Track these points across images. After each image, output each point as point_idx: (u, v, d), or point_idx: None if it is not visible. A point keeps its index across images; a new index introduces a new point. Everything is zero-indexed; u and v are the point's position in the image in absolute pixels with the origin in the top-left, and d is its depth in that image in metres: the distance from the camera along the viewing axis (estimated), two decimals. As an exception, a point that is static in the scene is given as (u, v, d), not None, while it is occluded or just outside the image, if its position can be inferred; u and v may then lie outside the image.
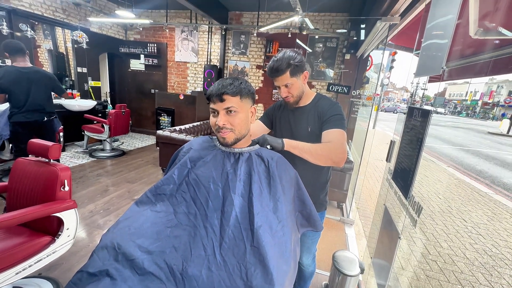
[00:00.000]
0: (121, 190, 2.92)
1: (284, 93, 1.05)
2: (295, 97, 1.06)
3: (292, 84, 1.02)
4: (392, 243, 1.14)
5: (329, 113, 1.02)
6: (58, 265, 1.71)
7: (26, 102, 2.41)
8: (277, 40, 4.68)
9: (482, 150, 8.41)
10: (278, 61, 1.00)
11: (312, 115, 1.06)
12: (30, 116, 2.45)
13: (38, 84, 2.47)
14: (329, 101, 1.08)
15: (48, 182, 1.36)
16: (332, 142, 0.95)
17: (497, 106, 28.33)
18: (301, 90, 1.06)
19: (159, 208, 0.79)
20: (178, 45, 5.35)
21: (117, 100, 5.79)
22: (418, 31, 1.74)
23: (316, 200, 1.12)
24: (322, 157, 0.93)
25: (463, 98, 37.77)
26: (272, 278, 0.63)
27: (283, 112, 1.18)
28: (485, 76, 2.25)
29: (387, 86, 14.13)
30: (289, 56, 0.99)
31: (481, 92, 33.47)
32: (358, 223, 2.82)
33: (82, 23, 4.54)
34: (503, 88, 29.52)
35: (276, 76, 1.02)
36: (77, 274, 0.65)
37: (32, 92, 2.43)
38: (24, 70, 2.38)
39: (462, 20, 1.41)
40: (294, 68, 1.00)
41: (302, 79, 1.06)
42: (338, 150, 0.93)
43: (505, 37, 1.50)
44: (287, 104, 1.12)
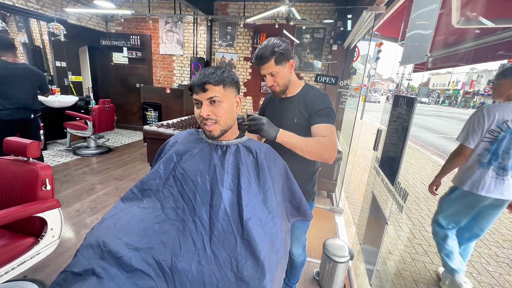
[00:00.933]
0: (108, 187, 2.85)
1: (269, 82, 1.04)
2: (281, 86, 1.04)
3: (277, 72, 1.01)
4: (380, 229, 1.17)
5: (319, 106, 1.00)
6: (44, 266, 1.66)
7: (14, 100, 2.32)
8: (265, 31, 4.61)
9: (463, 138, 8.75)
10: (263, 48, 0.98)
11: (300, 106, 1.05)
12: (15, 114, 2.35)
13: (26, 81, 2.39)
14: (318, 93, 1.05)
15: (28, 182, 1.30)
16: (325, 139, 0.93)
17: (477, 95, 29.46)
18: (287, 79, 1.05)
19: (146, 204, 0.77)
20: (162, 37, 5.18)
21: (100, 95, 5.58)
22: (403, 21, 1.75)
23: (304, 191, 1.13)
24: (313, 154, 0.92)
25: (445, 87, 38.98)
26: (263, 268, 0.63)
27: (272, 103, 1.17)
28: (467, 64, 2.31)
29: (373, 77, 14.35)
30: (273, 43, 0.98)
31: (463, 81, 34.63)
32: (347, 212, 2.89)
33: (58, 14, 4.29)
34: (483, 77, 30.66)
35: (261, 64, 1.00)
36: (61, 274, 0.62)
37: (20, 89, 2.35)
38: (12, 66, 2.30)
39: (445, 10, 1.43)
40: (279, 55, 0.98)
41: (288, 68, 1.04)
42: (330, 147, 0.92)
43: (485, 26, 1.54)
44: (274, 94, 1.11)
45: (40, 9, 4.05)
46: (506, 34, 1.56)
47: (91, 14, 4.98)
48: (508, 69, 1.55)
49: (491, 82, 1.56)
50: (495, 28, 1.60)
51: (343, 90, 3.40)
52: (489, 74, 26.09)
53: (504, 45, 1.75)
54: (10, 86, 2.29)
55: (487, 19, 1.46)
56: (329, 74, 3.86)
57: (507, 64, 7.74)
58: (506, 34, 1.56)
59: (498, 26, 1.54)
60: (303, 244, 1.33)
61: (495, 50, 1.97)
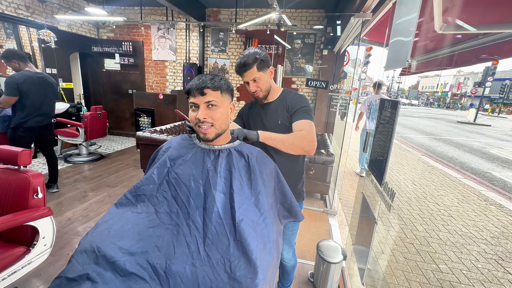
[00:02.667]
0: (101, 195, 2.81)
1: (253, 88, 1.10)
2: (264, 91, 1.12)
3: (259, 78, 1.08)
4: (370, 228, 1.21)
5: (297, 106, 1.09)
6: (36, 276, 1.63)
7: (42, 106, 2.49)
8: (256, 37, 4.68)
9: (452, 138, 8.99)
10: (245, 56, 1.06)
11: (281, 109, 1.13)
12: (40, 121, 2.52)
13: (51, 89, 2.57)
14: (296, 95, 1.15)
15: (20, 190, 1.29)
16: (302, 132, 1.01)
17: (465, 96, 30.33)
18: (268, 85, 1.13)
19: (140, 209, 0.78)
20: (155, 43, 5.19)
21: (92, 102, 5.53)
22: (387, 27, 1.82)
23: (294, 190, 1.17)
24: (294, 146, 0.99)
25: (434, 90, 39.98)
26: (255, 268, 0.65)
27: (254, 109, 1.24)
28: (452, 68, 2.41)
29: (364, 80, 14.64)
30: (254, 51, 1.06)
31: (450, 84, 35.61)
32: (341, 213, 2.93)
33: (48, 21, 4.27)
34: (469, 79, 31.62)
35: (244, 71, 1.07)
36: (55, 280, 0.63)
37: (47, 97, 2.54)
38: (40, 75, 2.46)
39: (426, 18, 1.50)
40: (260, 62, 1.06)
41: (269, 74, 1.12)
42: (308, 139, 1.00)
43: (467, 31, 1.61)
44: (257, 100, 1.18)
45: (30, 16, 4.02)
46: (487, 39, 1.64)
47: (82, 21, 4.96)
48: None
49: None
50: (476, 33, 1.68)
51: (333, 94, 3.47)
52: (475, 76, 26.94)
53: (486, 49, 1.83)
54: (38, 95, 2.44)
55: (469, 25, 1.54)
56: (319, 79, 3.93)
57: (491, 67, 8.08)
58: (487, 39, 1.64)
59: (479, 32, 1.63)
60: (293, 248, 1.36)
61: (478, 53, 2.06)
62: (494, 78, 16.75)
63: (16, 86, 2.26)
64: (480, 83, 15.31)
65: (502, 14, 1.47)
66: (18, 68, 2.38)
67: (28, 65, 2.43)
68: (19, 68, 2.38)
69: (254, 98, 1.18)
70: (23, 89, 2.31)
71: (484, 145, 8.02)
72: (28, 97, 2.36)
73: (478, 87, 17.56)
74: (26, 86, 2.32)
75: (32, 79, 2.37)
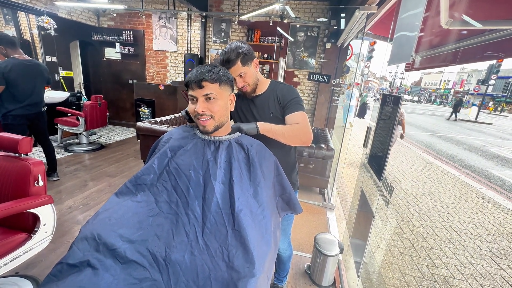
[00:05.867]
0: (101, 184, 2.83)
1: (240, 83, 1.07)
2: (251, 85, 1.10)
3: (245, 73, 1.05)
4: (367, 223, 1.22)
5: (288, 97, 1.09)
6: (37, 262, 1.66)
7: (31, 95, 2.43)
8: (259, 29, 4.62)
9: (453, 136, 8.98)
10: (227, 53, 1.01)
11: (272, 101, 1.12)
12: (30, 108, 2.46)
13: (40, 77, 2.50)
14: (286, 86, 1.14)
15: (20, 178, 1.30)
16: (300, 124, 1.02)
17: (467, 94, 30.12)
18: (255, 78, 1.10)
19: (140, 198, 0.79)
20: (156, 32, 5.12)
21: (92, 91, 5.49)
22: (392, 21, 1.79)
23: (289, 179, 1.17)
24: (293, 137, 1.01)
25: (437, 87, 39.71)
26: (252, 257, 0.66)
27: (243, 102, 1.20)
28: (456, 64, 2.38)
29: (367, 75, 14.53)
30: (236, 46, 1.03)
31: (453, 81, 35.33)
32: (339, 208, 2.95)
33: (48, 7, 4.19)
34: (473, 77, 31.34)
35: (229, 67, 1.02)
36: (57, 266, 0.64)
37: (36, 86, 2.47)
38: (28, 63, 2.38)
39: (432, 12, 1.47)
40: (244, 56, 1.03)
41: (254, 67, 1.10)
42: (305, 130, 1.02)
43: (473, 27, 1.59)
44: (245, 94, 1.15)
45: (29, 2, 3.95)
46: (493, 35, 1.61)
47: (82, 8, 4.88)
48: None
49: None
50: (482, 30, 1.65)
51: (335, 88, 3.45)
52: (479, 74, 26.72)
53: (492, 46, 1.81)
54: (26, 83, 2.37)
55: (475, 21, 1.51)
56: (322, 73, 3.90)
57: (496, 64, 8.07)
58: (493, 35, 1.61)
59: (486, 28, 1.60)
60: (288, 238, 1.38)
61: (483, 50, 2.03)
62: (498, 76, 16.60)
63: (1, 75, 2.18)
64: (483, 81, 15.20)
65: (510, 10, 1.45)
66: (5, 54, 2.28)
67: (17, 52, 2.32)
68: (7, 55, 2.29)
69: (242, 93, 1.16)
70: (10, 78, 2.23)
71: (484, 143, 8.02)
72: (16, 86, 2.28)
73: (481, 85, 17.42)
74: (12, 74, 2.23)
75: (19, 67, 2.28)
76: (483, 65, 29.34)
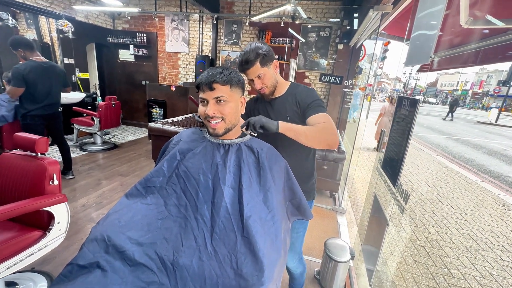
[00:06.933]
0: (113, 183, 2.90)
1: (258, 85, 1.04)
2: (270, 87, 1.06)
3: (264, 74, 1.02)
4: (381, 230, 1.17)
5: (309, 100, 1.02)
6: (51, 259, 1.71)
7: (48, 96, 2.54)
8: (270, 30, 4.60)
9: (471, 139, 8.62)
10: (246, 53, 0.99)
11: (290, 104, 1.06)
12: (48, 109, 2.58)
13: (57, 79, 2.60)
14: (305, 88, 1.08)
15: (36, 176, 1.34)
16: (325, 124, 0.94)
17: (487, 95, 28.88)
18: (274, 80, 1.06)
19: (150, 200, 0.79)
20: (168, 34, 5.20)
21: (106, 92, 5.65)
22: (409, 20, 1.73)
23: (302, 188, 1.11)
24: (316, 138, 0.91)
25: (454, 88, 38.30)
26: (262, 266, 0.64)
27: (260, 104, 1.17)
28: (476, 65, 2.28)
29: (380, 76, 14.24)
30: (255, 46, 0.99)
31: (472, 82, 33.97)
32: (350, 212, 2.88)
33: (67, 11, 4.35)
34: (493, 78, 30.01)
35: (247, 68, 1.00)
36: (67, 266, 0.65)
37: (53, 87, 2.57)
38: (45, 65, 2.48)
39: (451, 10, 1.41)
40: (263, 57, 0.99)
41: (273, 68, 1.06)
42: (331, 131, 0.92)
43: (495, 26, 1.51)
44: (263, 96, 1.12)
45: (49, 7, 4.11)
46: (517, 35, 1.52)
47: (98, 12, 5.03)
48: None
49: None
50: (505, 28, 1.57)
51: (347, 90, 3.38)
52: (500, 74, 25.57)
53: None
54: (43, 84, 2.47)
55: (497, 19, 1.43)
56: (333, 74, 3.83)
57: (518, 64, 7.61)
58: (517, 35, 1.52)
59: (509, 26, 1.51)
60: (299, 254, 1.26)
61: (505, 50, 1.93)
62: (520, 77, 15.81)
63: (21, 77, 2.28)
64: (504, 82, 14.50)
65: (537, 7, 1.36)
66: (24, 57, 2.40)
67: (34, 54, 2.43)
68: (25, 57, 2.40)
69: (260, 95, 1.12)
70: (29, 80, 2.33)
71: (505, 147, 7.64)
72: (35, 87, 2.39)
73: (502, 86, 16.65)
74: (31, 76, 2.34)
75: (37, 69, 2.38)
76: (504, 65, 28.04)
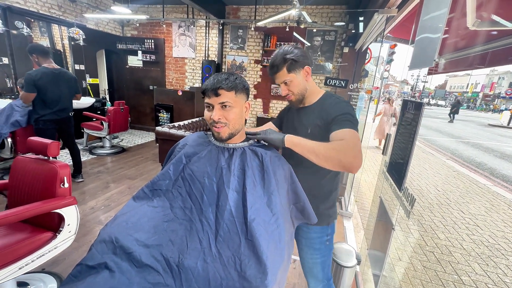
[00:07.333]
0: (121, 186, 2.95)
1: (284, 91, 0.98)
2: (297, 95, 0.98)
3: (291, 80, 0.95)
4: (387, 234, 1.16)
5: (335, 113, 0.89)
6: (61, 260, 1.75)
7: (59, 101, 2.61)
8: (275, 34, 4.64)
9: (482, 143, 8.41)
10: (274, 57, 0.95)
11: (315, 116, 0.96)
12: (60, 114, 2.66)
13: (67, 84, 2.67)
14: (336, 100, 0.95)
15: (48, 179, 1.38)
16: (342, 142, 0.80)
17: (498, 97, 28.19)
18: (302, 87, 0.97)
19: (156, 203, 0.81)
20: (175, 40, 5.31)
21: (115, 97, 5.78)
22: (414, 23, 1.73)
23: (316, 211, 0.98)
24: (329, 158, 0.78)
25: (464, 90, 37.56)
26: (265, 268, 0.65)
27: (289, 112, 1.10)
28: (484, 67, 2.24)
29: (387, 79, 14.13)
30: (284, 51, 0.94)
31: (482, 84, 33.26)
32: (356, 216, 2.85)
33: (78, 19, 4.50)
34: (504, 79, 29.31)
35: (274, 73, 0.96)
36: (77, 267, 0.67)
37: (64, 92, 2.65)
38: (56, 71, 2.56)
39: (456, 13, 1.40)
40: (291, 63, 0.92)
41: (303, 75, 0.96)
42: (349, 151, 0.77)
43: (504, 27, 1.49)
44: (290, 104, 1.04)
45: (61, 15, 4.26)
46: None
47: (108, 19, 5.18)
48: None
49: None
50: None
51: (353, 93, 3.36)
52: (511, 76, 24.93)
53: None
54: (54, 90, 2.55)
55: (507, 20, 1.41)
56: (339, 77, 3.83)
57: (530, 66, 7.46)
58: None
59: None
60: (321, 282, 1.10)
61: (516, 52, 1.89)
62: (533, 78, 15.40)
63: (33, 83, 2.37)
64: (516, 84, 14.13)
65: (546, 8, 1.34)
66: (37, 63, 2.50)
67: (47, 61, 2.52)
68: (38, 63, 2.50)
69: (288, 102, 1.03)
70: (40, 85, 2.41)
71: (518, 150, 7.43)
72: (46, 92, 2.48)
73: (515, 88, 16.24)
74: (42, 82, 2.42)
75: (48, 76, 2.46)
76: (516, 66, 27.41)
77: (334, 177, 1.02)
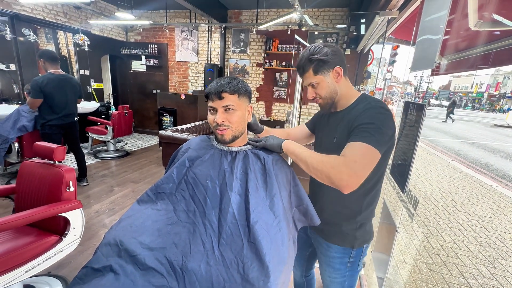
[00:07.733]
0: (125, 190, 2.97)
1: (310, 94, 0.89)
2: (325, 98, 0.88)
3: (318, 83, 0.85)
4: (390, 237, 1.16)
5: (359, 121, 0.77)
6: (66, 263, 1.76)
7: (65, 107, 2.67)
8: (277, 37, 4.67)
9: (487, 143, 8.30)
10: (300, 57, 0.87)
11: (343, 122, 0.85)
12: (66, 119, 2.71)
13: (72, 90, 2.74)
14: (367, 106, 0.81)
15: (54, 184, 1.40)
16: (341, 159, 0.71)
17: (504, 97, 27.87)
18: (331, 90, 0.86)
19: (160, 206, 0.82)
20: (178, 45, 5.37)
21: (119, 101, 5.85)
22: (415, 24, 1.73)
23: (337, 229, 0.92)
24: (319, 173, 0.73)
25: (468, 90, 37.21)
26: (268, 270, 0.65)
27: (322, 118, 1.00)
28: (488, 67, 2.23)
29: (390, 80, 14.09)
30: (310, 51, 0.84)
31: (487, 84, 32.93)
32: (360, 218, 2.82)
33: (83, 26, 4.58)
34: (510, 79, 29.00)
35: (300, 74, 0.89)
36: (83, 269, 0.68)
37: (69, 98, 2.71)
38: (62, 77, 2.62)
39: (458, 14, 1.40)
40: (318, 63, 0.83)
41: (333, 77, 0.85)
42: (344, 168, 0.69)
43: (506, 28, 1.48)
44: (320, 108, 0.95)
45: (67, 22, 4.35)
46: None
47: (112, 25, 5.27)
48: None
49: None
50: (517, 30, 1.54)
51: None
52: (517, 75, 24.66)
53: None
54: (60, 96, 2.61)
55: (509, 20, 1.41)
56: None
57: (535, 66, 7.28)
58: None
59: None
60: None
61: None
62: (539, 78, 15.22)
63: (39, 89, 2.43)
64: (522, 83, 13.98)
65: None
66: (44, 67, 2.56)
67: (54, 67, 2.58)
68: (45, 68, 2.56)
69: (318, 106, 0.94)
70: (46, 91, 2.48)
71: (525, 151, 7.31)
72: (52, 98, 2.53)
73: (520, 87, 16.06)
74: (48, 88, 2.48)
75: (54, 82, 2.52)
76: (521, 66, 27.15)
77: (363, 197, 0.88)
